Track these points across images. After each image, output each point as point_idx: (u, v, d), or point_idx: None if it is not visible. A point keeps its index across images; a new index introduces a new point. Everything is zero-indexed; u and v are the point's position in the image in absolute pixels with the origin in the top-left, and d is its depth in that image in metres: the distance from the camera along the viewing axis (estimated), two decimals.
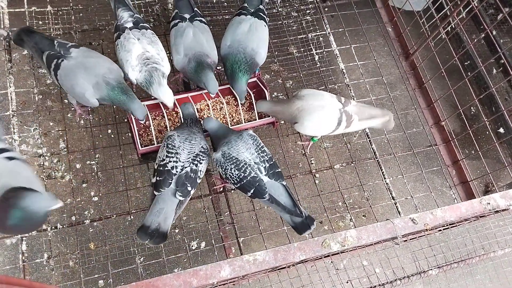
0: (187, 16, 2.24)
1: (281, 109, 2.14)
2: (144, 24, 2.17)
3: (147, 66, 2.05)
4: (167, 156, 1.89)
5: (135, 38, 2.08)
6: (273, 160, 1.96)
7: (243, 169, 1.88)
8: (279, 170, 1.95)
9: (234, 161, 1.89)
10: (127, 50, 2.07)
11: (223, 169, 1.93)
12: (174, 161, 1.87)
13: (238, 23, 2.24)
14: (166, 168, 1.86)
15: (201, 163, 1.92)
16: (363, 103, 2.23)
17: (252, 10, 2.29)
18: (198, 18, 2.26)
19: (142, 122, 2.17)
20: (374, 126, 2.25)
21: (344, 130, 2.17)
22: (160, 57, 2.10)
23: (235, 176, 1.89)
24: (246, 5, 2.32)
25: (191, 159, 1.90)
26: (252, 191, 1.89)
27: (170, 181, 1.84)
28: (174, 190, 1.84)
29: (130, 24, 2.13)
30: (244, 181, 1.88)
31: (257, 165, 1.90)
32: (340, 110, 2.10)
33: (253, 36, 2.21)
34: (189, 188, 1.87)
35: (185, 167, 1.88)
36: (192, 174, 1.88)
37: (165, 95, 2.07)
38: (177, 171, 1.86)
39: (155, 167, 1.92)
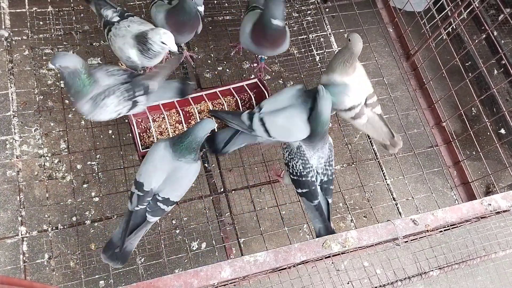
0: (165, 1, 2.28)
1: None
2: (129, 13, 2.17)
3: (139, 35, 2.03)
4: None
5: (126, 26, 2.08)
6: (332, 177, 1.97)
7: (308, 170, 1.89)
8: (332, 187, 1.97)
9: (304, 160, 1.90)
10: (121, 36, 2.06)
11: (290, 157, 1.93)
12: None
13: (255, 14, 2.24)
14: None
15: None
16: (385, 120, 2.21)
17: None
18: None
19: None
20: (375, 138, 2.27)
21: (349, 117, 2.19)
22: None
23: (298, 170, 1.91)
24: (255, 4, 2.31)
25: None
26: (304, 190, 1.91)
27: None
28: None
29: (116, 18, 2.13)
30: (303, 179, 1.90)
31: (318, 175, 1.92)
32: (361, 103, 2.12)
33: None
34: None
35: None
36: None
37: (164, 35, 1.96)
38: None
39: None
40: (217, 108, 2.37)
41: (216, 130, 2.02)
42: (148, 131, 2.27)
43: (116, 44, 2.09)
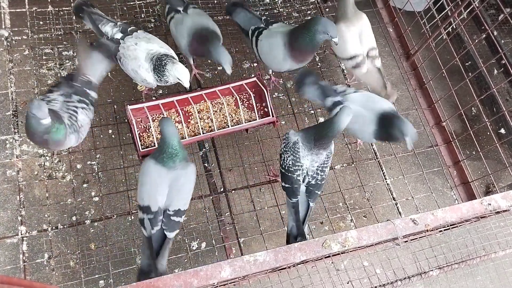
0: (180, 8, 2.27)
1: None
2: (132, 27, 2.15)
3: (154, 58, 2.06)
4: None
5: (134, 44, 2.07)
6: (323, 183, 1.97)
7: (296, 167, 1.91)
8: (318, 192, 1.97)
9: (296, 157, 1.91)
10: (133, 57, 2.06)
11: (284, 150, 1.96)
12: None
13: (274, 37, 2.23)
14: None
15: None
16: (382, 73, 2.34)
17: (264, 25, 2.29)
18: (191, 6, 2.29)
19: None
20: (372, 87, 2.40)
21: (350, 66, 2.36)
22: (164, 48, 2.11)
23: (287, 164, 1.93)
24: (256, 26, 2.30)
25: None
26: (287, 185, 1.93)
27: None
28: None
29: (119, 35, 2.10)
30: (289, 174, 1.92)
31: (307, 176, 1.92)
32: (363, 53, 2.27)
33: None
34: None
35: None
36: None
37: (181, 73, 2.03)
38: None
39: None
40: (216, 108, 2.37)
41: None
42: (147, 130, 2.27)
43: (129, 66, 2.09)
